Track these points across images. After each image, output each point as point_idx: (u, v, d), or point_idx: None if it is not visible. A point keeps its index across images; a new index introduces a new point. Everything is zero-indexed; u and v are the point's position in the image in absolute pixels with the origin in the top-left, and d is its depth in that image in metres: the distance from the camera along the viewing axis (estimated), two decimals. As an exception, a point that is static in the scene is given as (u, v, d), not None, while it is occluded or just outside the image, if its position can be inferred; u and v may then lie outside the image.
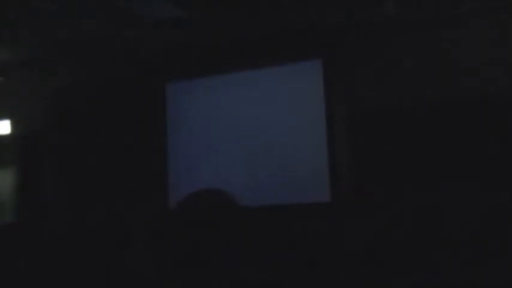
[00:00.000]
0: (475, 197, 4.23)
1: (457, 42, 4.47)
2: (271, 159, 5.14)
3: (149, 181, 5.56)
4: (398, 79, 4.63)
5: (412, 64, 4.59)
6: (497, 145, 4.25)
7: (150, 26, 4.84)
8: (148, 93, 5.82)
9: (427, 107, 4.50)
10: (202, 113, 5.60)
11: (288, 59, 5.19)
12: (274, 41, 5.08)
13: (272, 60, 5.23)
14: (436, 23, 4.55)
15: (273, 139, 5.17)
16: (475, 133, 4.32)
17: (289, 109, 5.14)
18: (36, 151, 6.44)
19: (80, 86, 6.17)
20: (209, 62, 5.46)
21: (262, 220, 4.73)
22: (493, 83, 4.31)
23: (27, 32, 4.97)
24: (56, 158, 6.28)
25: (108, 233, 4.59)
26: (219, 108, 5.50)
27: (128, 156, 5.76)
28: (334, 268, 4.70)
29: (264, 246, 4.83)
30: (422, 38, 4.59)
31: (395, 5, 4.50)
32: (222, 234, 0.98)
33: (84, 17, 4.59)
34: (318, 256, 4.76)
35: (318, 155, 4.93)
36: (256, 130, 5.26)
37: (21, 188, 6.43)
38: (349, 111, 4.82)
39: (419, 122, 4.52)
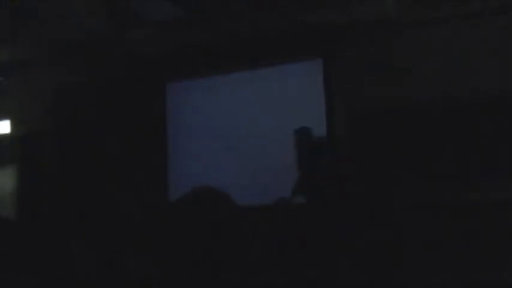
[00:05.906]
0: (475, 197, 4.23)
1: (457, 42, 4.47)
2: (271, 159, 5.14)
3: (149, 181, 5.56)
4: (398, 79, 4.63)
5: (412, 64, 4.59)
6: (497, 145, 4.25)
7: (150, 26, 4.84)
8: (149, 93, 5.83)
9: (427, 107, 4.50)
10: (202, 113, 5.60)
11: (288, 59, 5.19)
12: (274, 41, 5.08)
13: (272, 60, 5.24)
14: (436, 23, 4.55)
15: (273, 139, 5.16)
16: (476, 133, 4.32)
17: (289, 109, 5.13)
18: (36, 151, 6.44)
19: (80, 86, 6.18)
20: (209, 62, 5.46)
21: (261, 219, 4.72)
22: (494, 84, 4.30)
23: (27, 32, 4.97)
24: (56, 158, 6.28)
25: (108, 233, 4.59)
26: (219, 108, 5.50)
27: (127, 156, 5.76)
28: (332, 268, 4.70)
29: (262, 246, 4.83)
30: (422, 38, 4.59)
31: (396, 5, 4.51)
32: (219, 233, 0.98)
33: (84, 17, 4.59)
34: (316, 256, 4.76)
35: (318, 155, 4.94)
36: (256, 130, 5.26)
37: (21, 188, 6.43)
38: (349, 112, 4.82)
39: (420, 122, 4.52)
